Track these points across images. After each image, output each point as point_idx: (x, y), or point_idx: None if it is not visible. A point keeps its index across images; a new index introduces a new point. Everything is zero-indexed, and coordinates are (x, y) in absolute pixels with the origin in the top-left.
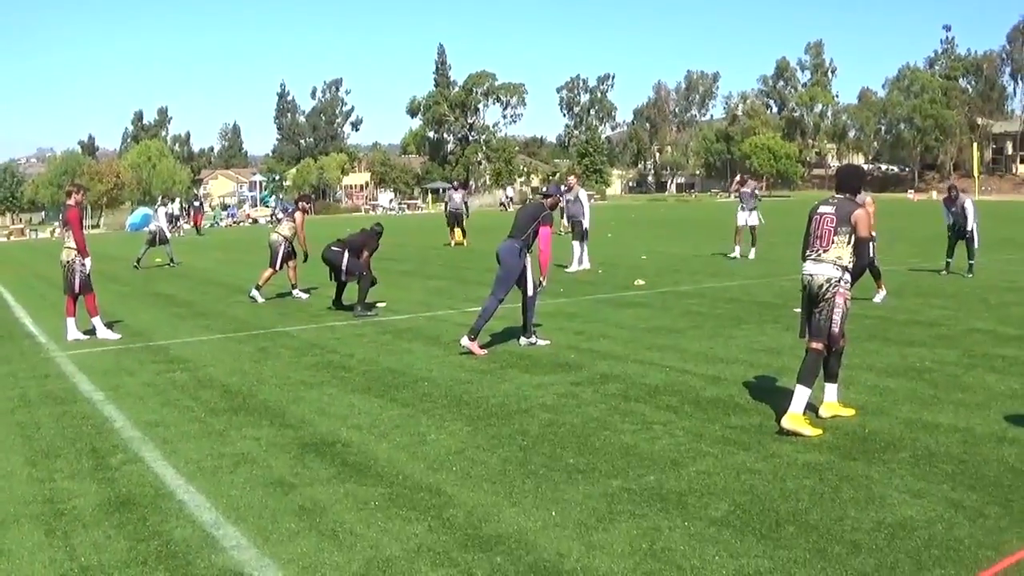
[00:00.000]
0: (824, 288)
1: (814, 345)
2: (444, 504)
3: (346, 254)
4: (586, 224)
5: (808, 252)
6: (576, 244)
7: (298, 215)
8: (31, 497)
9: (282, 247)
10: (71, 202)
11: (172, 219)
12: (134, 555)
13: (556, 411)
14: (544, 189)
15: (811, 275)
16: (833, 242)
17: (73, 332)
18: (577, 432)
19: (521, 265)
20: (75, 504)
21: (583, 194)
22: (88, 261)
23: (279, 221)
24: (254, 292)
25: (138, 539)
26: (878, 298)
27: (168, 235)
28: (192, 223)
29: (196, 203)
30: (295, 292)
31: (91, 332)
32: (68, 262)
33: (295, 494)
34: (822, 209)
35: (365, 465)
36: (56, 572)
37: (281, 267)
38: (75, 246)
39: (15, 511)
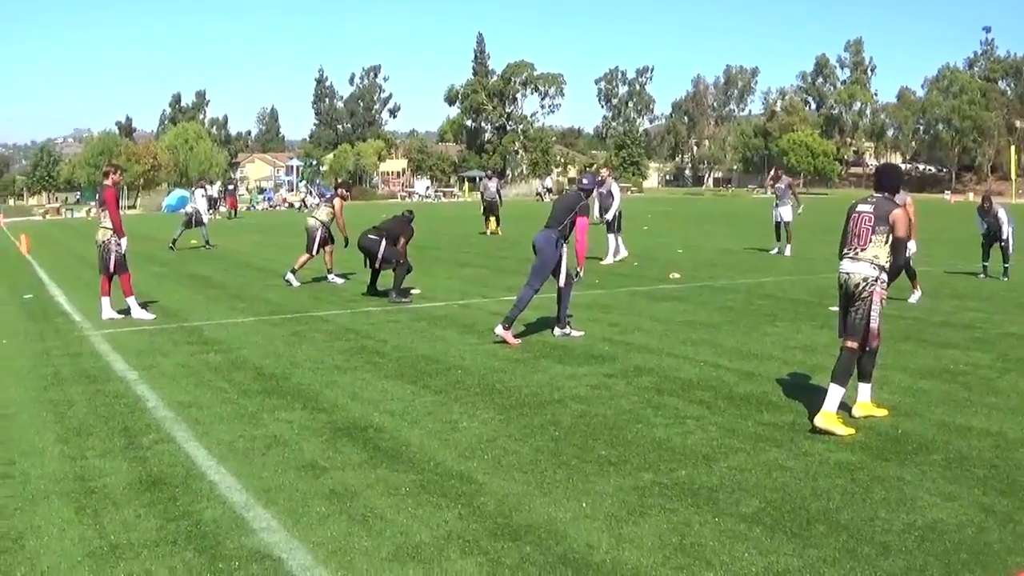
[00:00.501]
0: (860, 287)
1: (849, 344)
2: (475, 492)
3: (383, 242)
4: (608, 216)
5: (845, 250)
6: (611, 236)
7: (337, 201)
8: (62, 474)
9: (319, 232)
10: (108, 182)
11: (212, 202)
12: (164, 534)
13: (589, 402)
14: (581, 180)
15: (848, 273)
16: (871, 240)
17: (108, 311)
18: (609, 424)
19: (557, 255)
20: (106, 482)
21: (615, 187)
22: (124, 241)
23: (316, 206)
24: (289, 276)
25: (168, 518)
26: (913, 298)
27: (205, 218)
28: (228, 207)
29: (230, 186)
30: (331, 277)
31: (125, 312)
32: (104, 242)
33: (326, 478)
34: (860, 208)
35: (397, 451)
36: (85, 549)
37: (317, 252)
38: (111, 226)
39: (46, 488)
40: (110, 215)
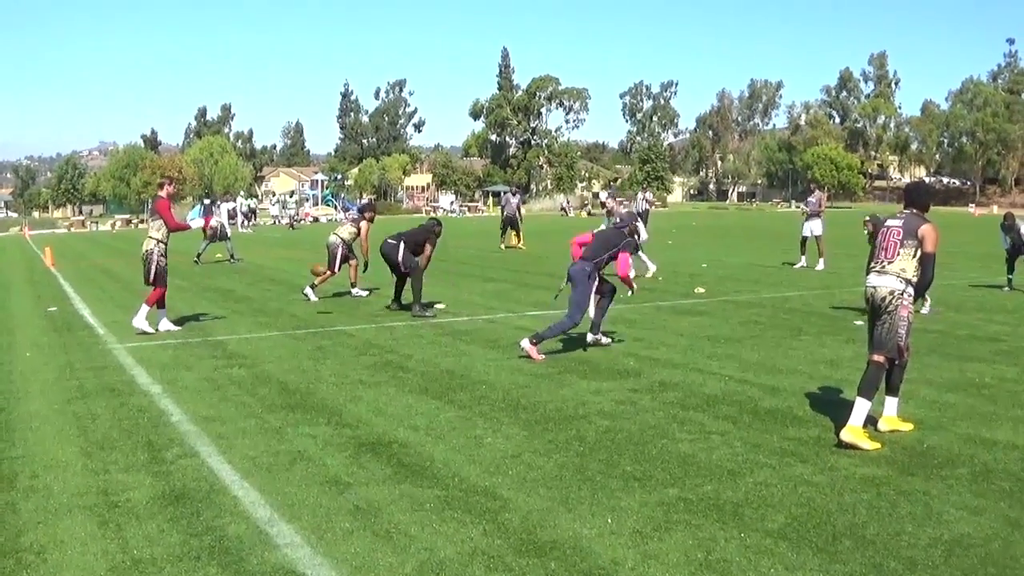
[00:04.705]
0: (887, 300)
1: (875, 358)
2: (499, 508)
3: (401, 246)
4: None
5: (872, 264)
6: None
7: (364, 224)
8: (85, 488)
9: (339, 249)
10: (162, 193)
11: (246, 215)
12: (187, 549)
13: (614, 418)
14: (606, 207)
15: (874, 287)
16: (898, 254)
17: (140, 321)
18: (634, 439)
19: (592, 286)
20: (129, 496)
21: (634, 208)
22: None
23: (341, 223)
24: (308, 291)
25: (191, 533)
26: (925, 309)
27: (229, 231)
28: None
29: (252, 205)
30: (354, 291)
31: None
32: (148, 251)
33: (350, 493)
34: (889, 223)
35: (421, 466)
36: (108, 564)
37: (339, 269)
38: (158, 236)
39: (69, 502)
40: (167, 223)
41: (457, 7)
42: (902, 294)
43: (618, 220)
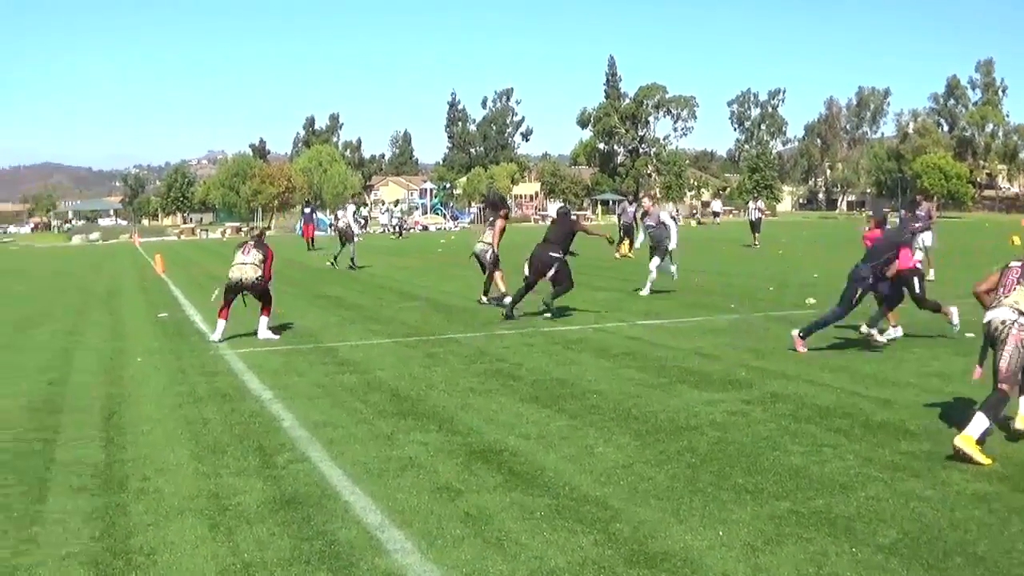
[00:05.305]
0: (999, 330)
1: (1002, 387)
2: (610, 518)
3: (560, 254)
4: (671, 245)
5: (991, 303)
6: (656, 259)
7: (499, 222)
8: (196, 492)
9: (489, 254)
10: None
11: (357, 222)
12: (297, 554)
13: (725, 429)
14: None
15: (988, 321)
16: (1015, 289)
17: (264, 332)
18: (746, 451)
19: (863, 287)
20: (240, 500)
21: (665, 215)
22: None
23: (483, 231)
24: (484, 299)
25: (302, 538)
26: (954, 319)
27: (357, 235)
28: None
29: (364, 214)
30: (483, 299)
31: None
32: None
33: (461, 500)
34: (1012, 264)
35: (532, 475)
36: (218, 567)
37: (499, 266)
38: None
39: (180, 505)
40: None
41: (563, 17)
42: (1013, 323)
43: (652, 224)
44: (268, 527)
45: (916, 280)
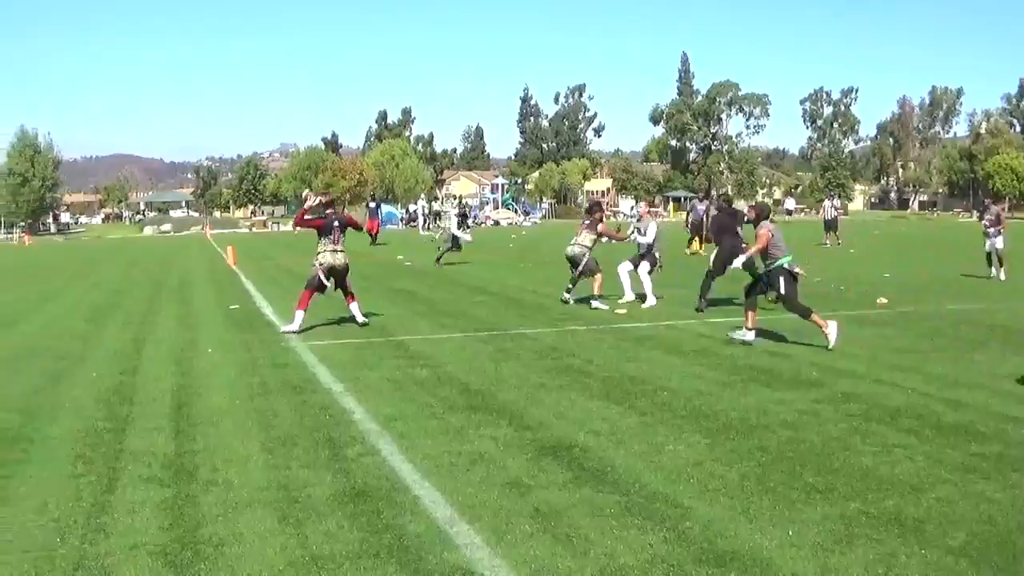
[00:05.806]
0: None
1: None
2: (680, 516)
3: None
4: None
5: None
6: (645, 264)
7: (600, 226)
8: (266, 483)
9: (586, 258)
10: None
11: (427, 217)
12: (366, 547)
13: (796, 428)
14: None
15: None
16: None
17: (359, 317)
18: (817, 451)
19: None
20: (310, 493)
21: (652, 226)
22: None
23: (578, 234)
24: (596, 303)
25: (371, 531)
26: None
27: (459, 233)
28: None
29: (436, 208)
30: (594, 303)
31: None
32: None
33: (531, 496)
34: None
35: (602, 471)
36: (287, 559)
37: (596, 270)
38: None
39: (249, 496)
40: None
41: (636, 13)
42: None
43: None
44: (337, 520)
45: None
